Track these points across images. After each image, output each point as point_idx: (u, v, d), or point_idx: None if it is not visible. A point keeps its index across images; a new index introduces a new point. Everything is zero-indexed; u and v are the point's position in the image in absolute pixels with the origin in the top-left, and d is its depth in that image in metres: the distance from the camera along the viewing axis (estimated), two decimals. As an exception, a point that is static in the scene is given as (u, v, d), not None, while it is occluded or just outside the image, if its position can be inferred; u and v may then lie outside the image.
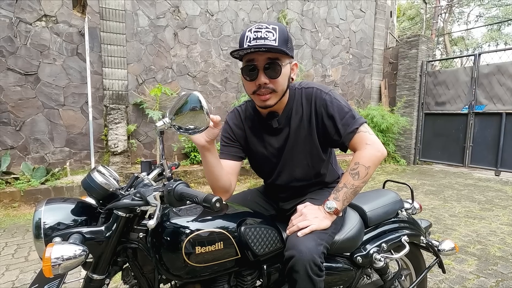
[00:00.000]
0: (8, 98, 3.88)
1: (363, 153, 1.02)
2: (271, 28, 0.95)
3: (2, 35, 3.78)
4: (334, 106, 1.04)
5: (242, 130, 1.19)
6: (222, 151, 1.19)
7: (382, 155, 1.03)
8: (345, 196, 1.01)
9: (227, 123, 1.21)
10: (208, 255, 0.86)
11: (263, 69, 0.98)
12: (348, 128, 1.03)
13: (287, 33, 0.99)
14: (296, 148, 1.12)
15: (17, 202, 3.50)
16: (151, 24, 4.76)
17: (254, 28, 0.95)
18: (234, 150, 1.18)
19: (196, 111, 0.87)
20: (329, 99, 1.05)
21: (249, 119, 1.18)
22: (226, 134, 1.20)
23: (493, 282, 2.05)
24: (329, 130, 1.06)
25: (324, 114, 1.06)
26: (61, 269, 0.68)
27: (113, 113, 4.41)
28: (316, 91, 1.08)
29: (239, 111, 1.21)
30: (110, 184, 0.82)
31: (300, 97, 1.10)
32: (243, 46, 0.96)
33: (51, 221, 0.78)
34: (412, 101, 7.04)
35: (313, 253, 0.91)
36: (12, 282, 2.02)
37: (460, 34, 18.82)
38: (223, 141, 1.20)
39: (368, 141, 1.02)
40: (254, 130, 1.17)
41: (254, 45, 0.94)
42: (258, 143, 1.17)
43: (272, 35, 0.94)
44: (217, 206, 0.72)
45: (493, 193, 4.56)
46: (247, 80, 1.02)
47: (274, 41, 0.94)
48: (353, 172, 1.01)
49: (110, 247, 0.82)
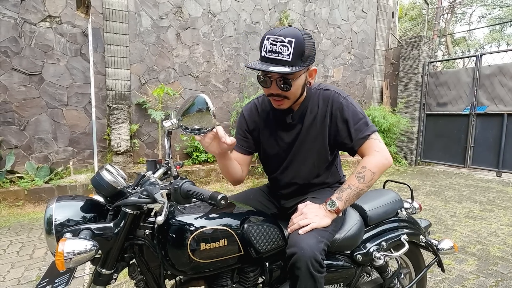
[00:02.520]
0: (12, 98, 3.92)
1: (372, 158, 1.05)
2: (286, 41, 0.94)
3: (7, 35, 3.82)
4: (350, 110, 1.08)
5: (257, 122, 1.23)
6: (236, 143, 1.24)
7: (389, 163, 1.07)
8: (348, 197, 1.04)
9: (242, 116, 1.26)
10: (212, 251, 0.89)
11: (276, 81, 1.01)
12: (360, 133, 1.07)
13: (304, 43, 0.96)
14: (304, 145, 1.16)
15: (21, 201, 3.54)
16: (154, 24, 4.79)
17: (272, 39, 0.96)
18: (246, 145, 1.24)
19: (202, 112, 0.90)
20: (346, 104, 1.09)
21: (264, 112, 1.22)
22: (241, 127, 1.25)
23: (492, 282, 2.07)
24: (341, 133, 1.10)
25: (339, 117, 1.09)
26: (73, 263, 0.71)
27: (116, 113, 4.44)
28: (334, 94, 1.12)
29: (256, 104, 1.25)
30: (118, 182, 0.85)
31: (318, 97, 1.14)
32: (261, 53, 0.99)
33: (61, 217, 0.81)
34: (414, 102, 7.04)
35: (314, 250, 0.93)
36: (18, 280, 2.06)
37: (462, 34, 18.78)
38: (238, 133, 1.26)
39: (377, 148, 1.06)
40: (268, 123, 1.21)
41: (268, 58, 0.96)
42: (270, 137, 1.21)
43: (286, 50, 0.94)
44: (223, 203, 0.75)
45: (494, 194, 4.57)
46: (262, 86, 1.07)
47: (288, 56, 0.94)
48: (359, 176, 1.04)
49: (118, 243, 0.85)
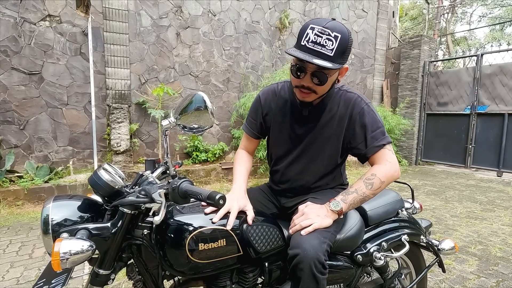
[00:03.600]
0: (12, 97, 3.91)
1: (383, 168, 1.05)
2: (333, 36, 0.91)
3: (6, 35, 3.81)
4: (370, 117, 1.08)
5: (272, 107, 1.21)
6: (246, 125, 1.29)
7: (397, 176, 1.07)
8: (353, 200, 1.03)
9: (258, 99, 1.24)
10: (211, 251, 0.88)
11: (310, 74, 0.98)
12: (376, 141, 1.06)
13: (348, 41, 0.95)
14: (317, 143, 1.15)
15: (21, 200, 3.53)
16: (154, 24, 4.78)
17: (317, 30, 0.92)
18: (256, 129, 1.26)
19: (200, 111, 0.89)
20: (367, 110, 1.09)
21: (282, 99, 1.20)
22: (255, 110, 1.25)
23: (493, 282, 2.06)
24: (357, 137, 1.09)
25: (358, 122, 1.08)
26: (69, 264, 0.70)
27: (116, 112, 4.44)
28: (357, 98, 1.11)
29: (275, 89, 1.22)
30: (116, 181, 0.84)
31: (339, 97, 1.12)
32: (301, 41, 0.94)
33: (58, 217, 0.80)
34: (414, 102, 7.03)
35: (317, 251, 0.92)
36: (17, 279, 2.05)
37: (463, 34, 18.75)
38: (251, 115, 1.27)
39: (390, 159, 1.06)
40: (283, 111, 1.19)
41: (308, 51, 0.92)
42: (283, 125, 1.19)
43: (331, 44, 0.91)
44: (221, 203, 0.74)
45: (495, 194, 4.55)
46: (293, 75, 1.03)
47: (331, 51, 0.91)
48: (368, 182, 1.03)
49: (115, 243, 0.84)
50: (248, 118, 1.28)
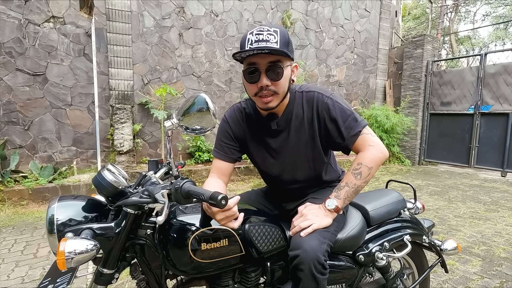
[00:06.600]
0: (17, 98, 3.95)
1: (366, 154, 1.04)
2: (272, 30, 0.95)
3: (11, 36, 3.85)
4: (337, 109, 1.05)
5: (242, 128, 1.17)
6: (217, 150, 1.17)
7: (385, 156, 1.05)
8: (346, 194, 1.03)
9: (225, 121, 1.18)
10: (213, 251, 0.89)
11: (265, 71, 0.97)
12: (352, 131, 1.04)
13: (288, 36, 0.99)
14: (297, 151, 1.12)
15: (25, 200, 3.57)
16: (157, 24, 4.81)
17: (256, 31, 0.95)
18: (229, 151, 1.16)
19: (203, 112, 0.90)
20: (331, 103, 1.06)
21: (248, 118, 1.16)
22: (224, 132, 1.17)
23: (497, 283, 2.05)
24: (332, 133, 1.07)
25: (327, 118, 1.06)
26: (74, 263, 0.71)
27: (119, 113, 4.46)
28: (317, 95, 1.08)
29: (239, 108, 1.18)
30: (120, 182, 0.85)
31: (301, 100, 1.10)
32: (245, 48, 0.95)
33: (63, 217, 0.82)
34: (417, 101, 6.99)
35: (317, 252, 0.92)
36: (22, 278, 2.07)
37: (466, 33, 18.62)
38: (220, 139, 1.17)
39: (371, 143, 1.04)
40: (254, 130, 1.16)
41: (256, 47, 0.93)
42: (257, 143, 1.17)
43: (273, 38, 0.94)
44: (223, 203, 0.75)
45: (499, 194, 4.52)
46: (248, 83, 1.01)
47: (276, 44, 0.94)
48: (356, 172, 1.03)
49: (119, 243, 0.85)
50: (218, 142, 1.18)
